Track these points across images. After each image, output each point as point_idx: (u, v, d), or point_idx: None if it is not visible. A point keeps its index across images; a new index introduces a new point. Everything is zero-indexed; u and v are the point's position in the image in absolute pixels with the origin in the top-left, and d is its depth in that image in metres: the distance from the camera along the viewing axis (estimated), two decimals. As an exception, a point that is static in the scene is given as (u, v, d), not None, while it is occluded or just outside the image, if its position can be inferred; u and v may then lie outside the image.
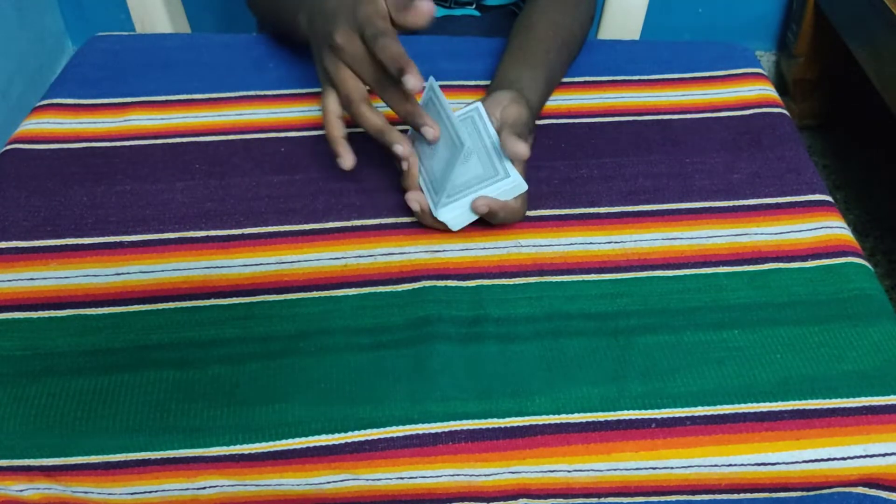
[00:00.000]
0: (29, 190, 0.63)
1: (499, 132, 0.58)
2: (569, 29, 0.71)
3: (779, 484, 0.49)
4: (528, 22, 0.71)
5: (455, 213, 0.58)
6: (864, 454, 0.48)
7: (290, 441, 0.48)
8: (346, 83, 0.56)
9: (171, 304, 0.55)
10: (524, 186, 0.58)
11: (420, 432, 0.48)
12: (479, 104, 0.60)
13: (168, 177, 0.64)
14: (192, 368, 0.51)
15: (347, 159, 0.58)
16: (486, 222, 0.60)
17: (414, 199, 0.58)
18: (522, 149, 0.55)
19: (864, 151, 1.63)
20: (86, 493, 0.47)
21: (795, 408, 0.50)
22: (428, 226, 0.60)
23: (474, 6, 0.89)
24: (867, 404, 0.50)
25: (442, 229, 0.59)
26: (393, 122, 0.57)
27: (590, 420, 0.49)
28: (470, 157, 0.58)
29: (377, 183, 0.64)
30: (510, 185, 0.57)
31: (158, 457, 0.47)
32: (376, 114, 0.57)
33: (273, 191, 0.63)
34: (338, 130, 0.58)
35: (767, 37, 1.72)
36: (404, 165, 0.58)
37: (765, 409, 0.49)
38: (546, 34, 0.70)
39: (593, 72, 0.75)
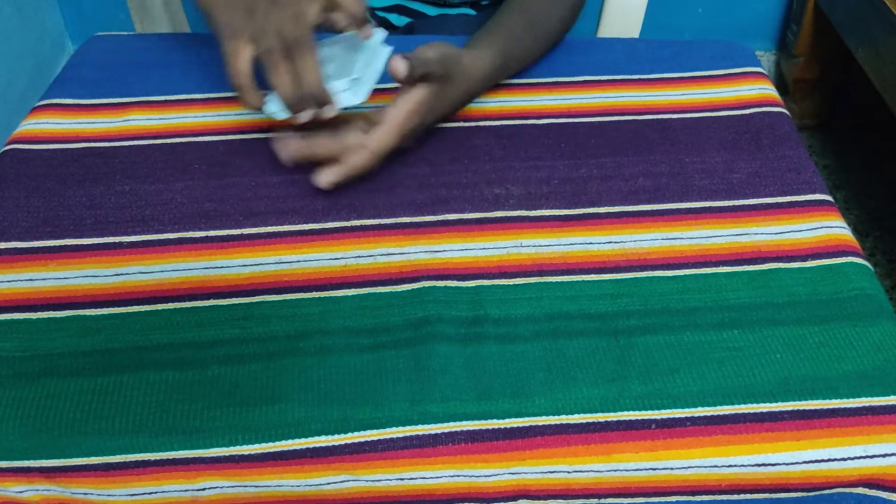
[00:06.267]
0: (28, 190, 0.63)
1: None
2: (539, 14, 0.73)
3: (779, 485, 0.49)
4: (500, 8, 0.73)
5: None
6: (864, 455, 0.48)
7: (289, 442, 0.47)
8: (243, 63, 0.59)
9: (170, 304, 0.55)
10: (349, 103, 0.60)
11: (420, 433, 0.48)
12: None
13: (167, 177, 0.64)
14: (191, 369, 0.51)
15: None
16: (486, 223, 0.60)
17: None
18: (397, 64, 0.57)
19: (864, 151, 1.63)
20: (85, 494, 0.47)
21: (796, 408, 0.50)
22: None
23: (469, 5, 0.89)
24: (867, 404, 0.50)
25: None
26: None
27: (590, 421, 0.49)
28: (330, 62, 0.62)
29: (377, 183, 0.64)
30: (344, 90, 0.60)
31: (158, 458, 0.47)
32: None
33: (273, 191, 0.63)
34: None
35: (767, 37, 1.72)
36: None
37: (765, 410, 0.49)
38: (511, 14, 0.71)
39: (593, 71, 0.75)
